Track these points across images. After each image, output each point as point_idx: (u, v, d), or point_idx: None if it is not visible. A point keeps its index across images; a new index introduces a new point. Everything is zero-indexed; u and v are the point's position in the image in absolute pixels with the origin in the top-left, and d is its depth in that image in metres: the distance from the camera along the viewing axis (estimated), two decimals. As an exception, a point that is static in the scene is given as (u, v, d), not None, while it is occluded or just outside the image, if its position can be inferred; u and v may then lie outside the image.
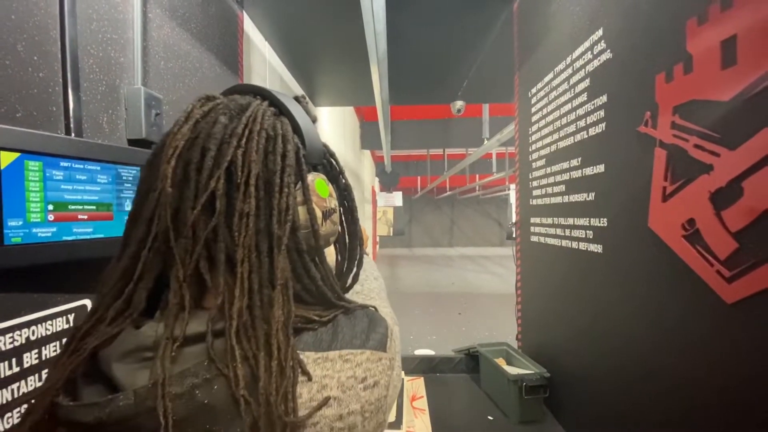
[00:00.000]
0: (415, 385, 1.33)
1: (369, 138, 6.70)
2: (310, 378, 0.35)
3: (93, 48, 0.77)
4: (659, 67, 0.70)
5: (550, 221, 1.16)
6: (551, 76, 1.14)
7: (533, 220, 1.29)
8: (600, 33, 0.88)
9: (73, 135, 0.70)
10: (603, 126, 0.88)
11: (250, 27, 1.64)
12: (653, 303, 0.72)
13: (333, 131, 4.10)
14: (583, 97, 0.96)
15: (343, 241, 0.53)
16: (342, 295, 0.44)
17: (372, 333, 0.39)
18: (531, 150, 1.31)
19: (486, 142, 4.31)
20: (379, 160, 9.73)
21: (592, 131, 0.93)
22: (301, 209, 0.42)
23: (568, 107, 1.04)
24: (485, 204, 15.27)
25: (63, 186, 0.65)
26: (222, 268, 0.37)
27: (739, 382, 0.55)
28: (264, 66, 1.87)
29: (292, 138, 0.42)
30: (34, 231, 0.60)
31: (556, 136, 1.12)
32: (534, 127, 1.28)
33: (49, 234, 0.63)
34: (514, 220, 1.55)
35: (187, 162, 0.38)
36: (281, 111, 0.44)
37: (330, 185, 0.47)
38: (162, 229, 0.37)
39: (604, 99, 0.88)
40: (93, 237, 0.70)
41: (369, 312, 0.43)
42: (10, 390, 0.60)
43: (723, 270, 0.57)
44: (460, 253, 13.55)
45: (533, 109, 1.28)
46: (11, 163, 0.57)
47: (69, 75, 0.70)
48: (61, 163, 0.65)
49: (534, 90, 1.27)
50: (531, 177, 1.31)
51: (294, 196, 0.40)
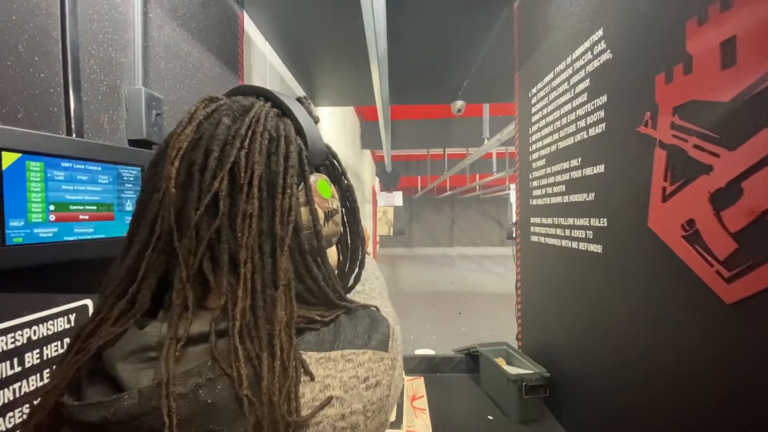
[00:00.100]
0: (416, 385, 1.33)
1: (369, 137, 6.70)
2: (312, 378, 0.35)
3: (94, 48, 0.77)
4: (659, 68, 0.70)
5: (550, 221, 1.16)
6: (551, 76, 1.14)
7: (533, 220, 1.30)
8: (600, 33, 0.89)
9: (74, 135, 0.70)
10: (603, 126, 0.88)
11: (250, 27, 1.64)
12: (653, 303, 0.72)
13: (333, 131, 4.10)
14: (583, 98, 0.96)
15: (345, 242, 0.53)
16: (344, 296, 0.44)
17: (374, 333, 0.40)
18: (531, 150, 1.31)
19: (486, 141, 4.31)
20: (380, 159, 9.73)
21: (592, 131, 0.93)
22: (304, 210, 0.42)
23: (568, 107, 1.04)
24: (485, 204, 15.28)
25: (64, 186, 0.65)
26: (225, 268, 0.37)
27: (738, 381, 0.55)
28: (264, 66, 1.87)
29: (294, 139, 0.42)
30: (35, 231, 0.61)
31: (556, 136, 1.12)
32: (534, 127, 1.28)
33: (51, 234, 0.63)
34: (514, 219, 1.55)
35: (191, 163, 0.38)
36: (284, 112, 0.44)
37: (332, 186, 0.47)
38: (165, 230, 0.37)
39: (604, 99, 0.88)
40: (94, 237, 0.70)
41: (370, 312, 0.43)
42: (11, 390, 0.60)
43: (722, 270, 0.57)
44: (460, 253, 13.55)
45: (533, 109, 1.28)
46: (13, 164, 0.57)
47: (70, 75, 0.70)
48: (63, 164, 0.65)
49: (534, 90, 1.27)
50: (531, 177, 1.31)
51: (296, 197, 0.40)
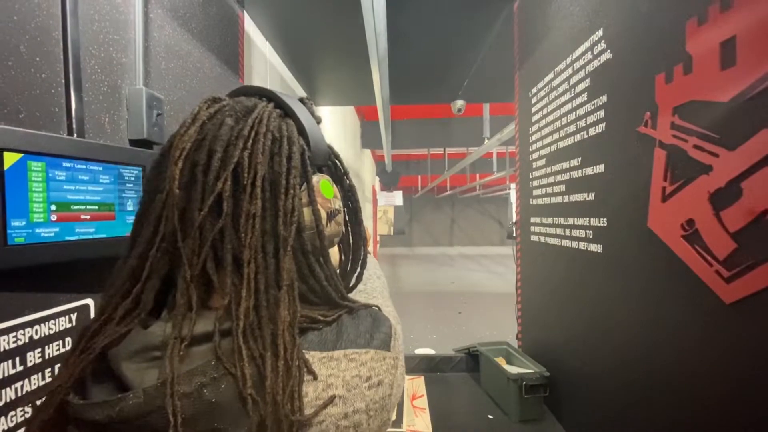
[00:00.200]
0: (416, 384, 1.34)
1: (369, 137, 6.70)
2: (315, 377, 0.35)
3: (95, 49, 0.77)
4: (659, 68, 0.70)
5: (550, 221, 1.17)
6: (551, 75, 1.14)
7: (533, 219, 1.30)
8: (600, 33, 0.89)
9: (76, 135, 0.71)
10: (603, 126, 0.89)
11: (250, 27, 1.64)
12: (652, 302, 0.72)
13: (333, 130, 4.10)
14: (583, 97, 0.96)
15: (347, 242, 0.53)
16: (346, 295, 0.44)
17: (376, 332, 0.40)
18: (531, 150, 1.31)
19: (486, 141, 4.31)
20: (380, 159, 9.73)
21: (592, 131, 0.93)
22: (306, 210, 0.42)
23: (568, 107, 1.05)
24: (486, 203, 15.27)
25: (65, 186, 0.65)
26: (229, 268, 0.37)
27: (738, 381, 0.56)
28: (265, 66, 1.88)
29: (297, 140, 0.42)
30: (37, 231, 0.61)
31: (556, 135, 1.12)
32: (534, 127, 1.28)
33: (52, 234, 0.63)
34: (514, 219, 1.55)
35: (194, 163, 0.38)
36: (286, 113, 0.45)
37: (334, 186, 0.47)
38: (169, 230, 0.37)
39: (604, 99, 0.88)
40: (95, 237, 0.71)
41: (372, 311, 0.43)
42: (13, 389, 0.60)
43: (722, 270, 0.57)
44: (460, 253, 13.55)
45: (533, 109, 1.28)
46: (14, 164, 0.58)
47: (71, 76, 0.70)
48: (64, 164, 0.65)
49: (534, 90, 1.27)
50: (531, 177, 1.31)
51: (299, 197, 0.40)
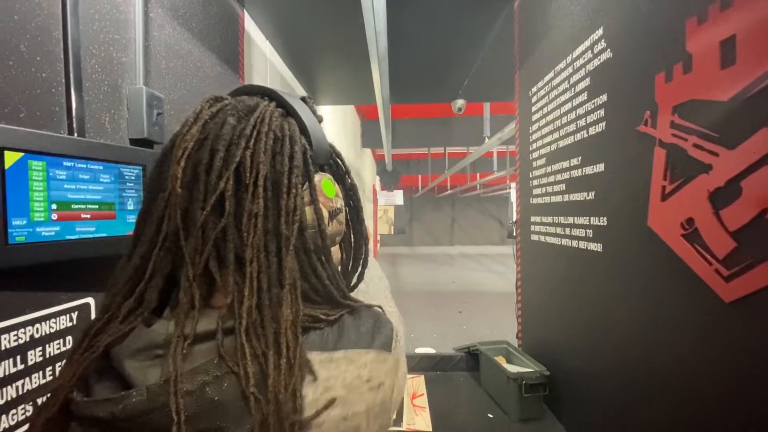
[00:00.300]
0: (416, 383, 1.34)
1: (370, 136, 6.70)
2: (315, 378, 0.35)
3: (95, 48, 0.77)
4: (659, 67, 0.70)
5: (550, 220, 1.17)
6: (551, 75, 1.14)
7: (533, 218, 1.30)
8: (600, 32, 0.89)
9: (76, 135, 0.71)
10: (603, 125, 0.89)
11: (251, 26, 1.64)
12: (652, 302, 0.72)
13: (334, 130, 4.10)
14: (584, 96, 0.96)
15: (349, 241, 0.53)
16: (348, 294, 0.44)
17: (377, 334, 0.40)
18: (531, 149, 1.31)
19: (487, 140, 4.31)
20: (380, 158, 9.73)
21: (592, 130, 0.93)
22: (309, 209, 0.42)
23: (568, 106, 1.05)
24: (486, 202, 15.26)
25: (66, 185, 0.65)
26: (231, 267, 0.37)
27: (737, 380, 0.56)
28: (265, 65, 1.88)
29: (299, 139, 0.42)
30: (37, 230, 0.61)
31: (556, 135, 1.12)
32: (534, 126, 1.28)
33: (53, 233, 0.63)
34: (514, 218, 1.55)
35: (197, 163, 0.38)
36: (288, 112, 0.45)
37: (336, 185, 0.48)
38: (172, 229, 0.38)
39: (604, 98, 0.88)
40: (96, 236, 0.71)
41: (374, 312, 0.43)
42: (14, 387, 0.61)
43: (721, 269, 0.57)
44: (460, 252, 13.55)
45: (534, 108, 1.28)
46: (15, 163, 0.58)
47: (71, 75, 0.70)
48: (64, 163, 0.65)
49: (534, 89, 1.27)
50: (531, 176, 1.31)
51: (301, 196, 0.40)
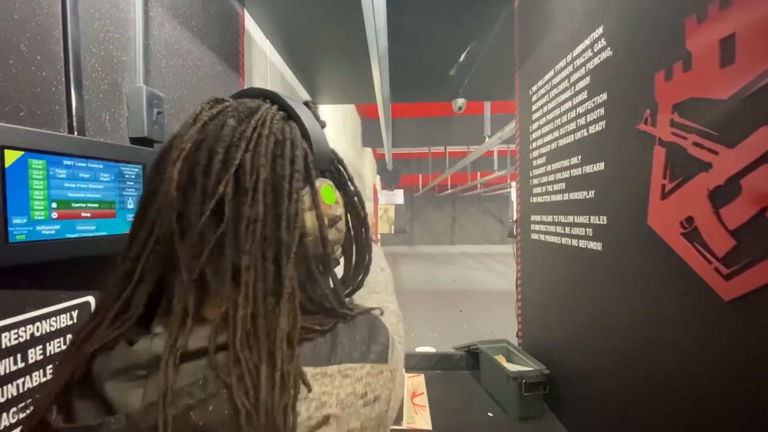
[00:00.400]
0: (416, 382, 1.34)
1: (370, 135, 6.68)
2: (308, 394, 0.34)
3: (95, 47, 0.78)
4: (659, 65, 0.70)
5: (550, 219, 1.17)
6: (552, 73, 1.14)
7: (534, 217, 1.30)
8: (600, 31, 0.88)
9: (76, 133, 0.71)
10: (603, 124, 0.89)
11: (251, 25, 1.64)
12: (652, 300, 0.73)
13: (334, 129, 4.10)
14: (584, 95, 0.96)
15: (351, 248, 0.52)
16: (345, 303, 0.43)
17: (372, 344, 0.38)
18: (531, 148, 1.31)
19: (487, 139, 4.31)
20: (381, 157, 9.71)
21: (592, 129, 0.93)
22: (309, 215, 0.41)
23: (568, 105, 1.04)
24: (487, 202, 15.25)
25: (66, 184, 0.66)
26: (227, 275, 0.36)
27: (737, 378, 0.56)
28: (265, 64, 1.87)
29: (300, 143, 0.41)
30: (38, 229, 0.61)
31: (556, 133, 1.12)
32: (534, 125, 1.28)
33: (53, 232, 0.64)
34: (515, 217, 1.55)
35: (194, 165, 0.37)
36: (290, 115, 0.44)
37: (337, 192, 0.46)
38: (165, 233, 0.36)
39: (604, 97, 0.88)
40: (96, 234, 0.71)
41: (370, 318, 0.41)
42: (15, 385, 0.61)
43: (721, 267, 0.57)
44: (461, 251, 13.55)
45: (534, 107, 1.28)
46: (15, 162, 0.58)
47: (72, 74, 0.70)
48: (65, 162, 0.65)
49: (534, 88, 1.27)
50: (531, 175, 1.31)
51: (302, 201, 0.39)
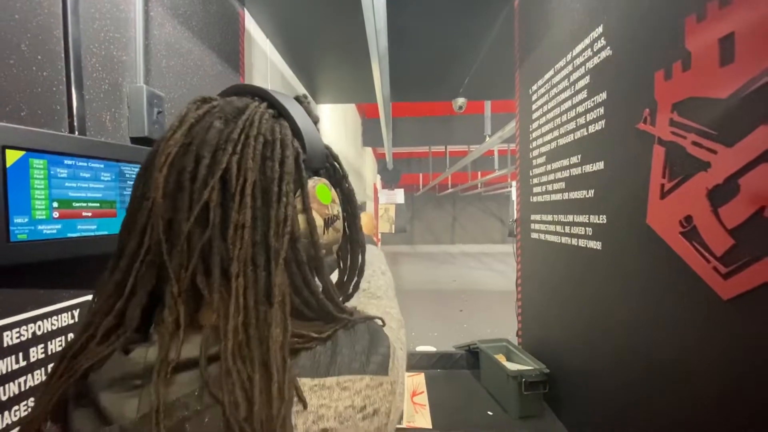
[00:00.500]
0: (416, 381, 1.34)
1: (371, 135, 6.69)
2: (305, 406, 0.32)
3: (96, 47, 0.78)
4: (658, 65, 0.70)
5: (550, 218, 1.17)
6: (551, 73, 1.14)
7: (534, 217, 1.30)
8: (600, 30, 0.88)
9: (77, 133, 0.71)
10: (603, 123, 0.89)
11: (251, 25, 1.64)
12: (651, 299, 0.73)
13: (334, 128, 4.10)
14: (583, 94, 0.96)
15: (345, 249, 0.51)
16: (343, 307, 0.41)
17: (372, 354, 0.37)
18: (531, 147, 1.31)
19: (488, 139, 4.31)
20: (381, 157, 9.71)
21: (591, 128, 0.93)
22: (301, 218, 0.40)
23: (568, 104, 1.05)
24: (487, 201, 15.24)
25: (67, 183, 0.66)
26: (217, 283, 0.34)
27: (736, 377, 0.56)
28: (265, 63, 1.88)
29: (291, 143, 0.40)
30: (39, 228, 0.61)
31: (556, 133, 1.12)
32: (534, 125, 1.28)
33: (54, 231, 0.64)
34: (515, 217, 1.55)
35: (181, 170, 0.36)
36: (280, 113, 0.42)
37: (333, 190, 0.45)
38: (155, 241, 0.35)
39: (603, 96, 0.88)
40: (97, 234, 0.71)
41: (371, 327, 0.40)
42: (17, 383, 0.61)
43: (719, 266, 0.58)
44: (461, 250, 13.55)
45: (534, 106, 1.28)
46: (16, 161, 0.58)
47: (72, 74, 0.70)
48: (66, 161, 0.65)
49: (534, 87, 1.27)
50: (531, 174, 1.31)
51: (293, 205, 0.38)
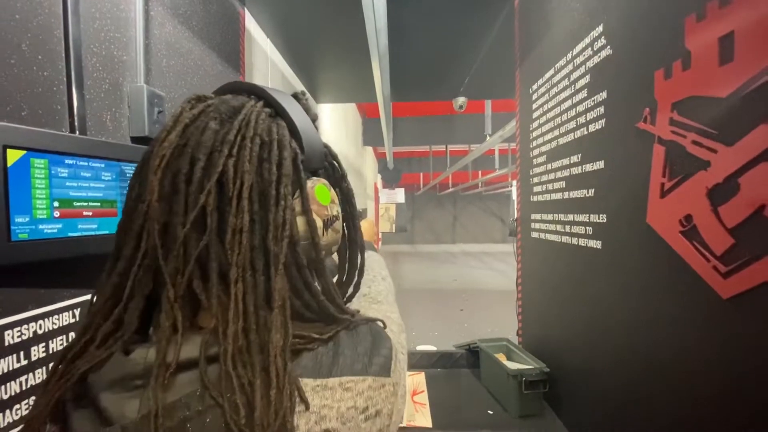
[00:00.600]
0: (416, 380, 1.34)
1: (371, 134, 6.69)
2: (307, 407, 0.32)
3: (96, 46, 0.78)
4: (658, 64, 0.70)
5: (550, 217, 1.17)
6: (552, 72, 1.14)
7: (534, 216, 1.30)
8: (600, 29, 0.88)
9: (78, 133, 0.71)
10: (603, 122, 0.89)
11: (251, 24, 1.64)
12: (651, 298, 0.73)
13: (335, 128, 4.10)
14: (584, 94, 0.96)
15: (344, 249, 0.50)
16: (344, 308, 0.41)
17: (375, 356, 0.37)
18: (532, 146, 1.31)
19: (488, 138, 4.31)
20: (382, 156, 9.72)
21: (592, 127, 0.93)
22: (300, 220, 0.39)
23: (568, 103, 1.05)
24: (488, 200, 15.24)
25: (68, 183, 0.66)
26: (214, 288, 0.34)
27: (736, 376, 0.56)
28: (266, 63, 1.88)
29: (288, 143, 0.39)
30: (40, 227, 0.62)
31: (556, 132, 1.12)
32: (535, 124, 1.28)
33: (55, 230, 0.64)
34: (515, 216, 1.55)
35: (176, 172, 0.35)
36: (278, 112, 0.41)
37: (332, 190, 0.44)
38: (151, 245, 0.35)
39: (603, 95, 0.88)
40: (98, 233, 0.71)
41: (373, 328, 0.40)
42: (18, 382, 0.61)
43: (719, 266, 0.58)
44: (462, 250, 13.55)
45: (534, 106, 1.28)
46: (17, 161, 0.58)
47: (73, 73, 0.71)
48: (66, 161, 0.66)
49: (535, 86, 1.27)
50: (532, 173, 1.31)
51: (291, 208, 0.37)
